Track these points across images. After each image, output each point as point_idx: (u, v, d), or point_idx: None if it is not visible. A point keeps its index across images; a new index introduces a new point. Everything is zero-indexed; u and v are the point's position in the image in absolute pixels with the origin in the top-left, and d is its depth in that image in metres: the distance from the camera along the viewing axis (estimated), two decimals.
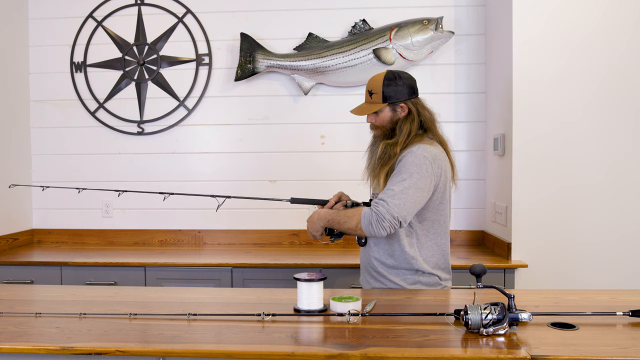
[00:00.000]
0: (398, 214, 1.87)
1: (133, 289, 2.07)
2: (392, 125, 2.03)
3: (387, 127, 2.04)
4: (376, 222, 1.88)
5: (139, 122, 3.38)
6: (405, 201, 1.87)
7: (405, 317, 1.61)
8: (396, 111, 2.02)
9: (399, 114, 2.02)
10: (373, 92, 2.04)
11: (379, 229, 1.88)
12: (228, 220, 3.34)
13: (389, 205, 1.87)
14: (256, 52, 3.23)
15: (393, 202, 1.87)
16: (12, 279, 2.86)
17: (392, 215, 1.86)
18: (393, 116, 2.03)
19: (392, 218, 1.87)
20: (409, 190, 1.88)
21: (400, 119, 2.02)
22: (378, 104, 2.03)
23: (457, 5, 3.22)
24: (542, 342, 1.37)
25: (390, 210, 1.86)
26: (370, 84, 2.06)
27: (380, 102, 2.02)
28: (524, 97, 2.70)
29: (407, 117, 2.02)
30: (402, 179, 1.89)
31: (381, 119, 2.04)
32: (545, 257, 2.71)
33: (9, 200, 3.27)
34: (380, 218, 1.87)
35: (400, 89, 2.01)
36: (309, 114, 3.30)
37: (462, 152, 3.23)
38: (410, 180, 1.88)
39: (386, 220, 1.87)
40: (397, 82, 2.02)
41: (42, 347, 1.40)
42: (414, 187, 1.88)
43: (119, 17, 3.38)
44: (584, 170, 2.70)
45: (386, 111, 2.03)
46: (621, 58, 2.68)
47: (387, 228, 1.88)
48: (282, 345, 1.38)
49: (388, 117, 2.03)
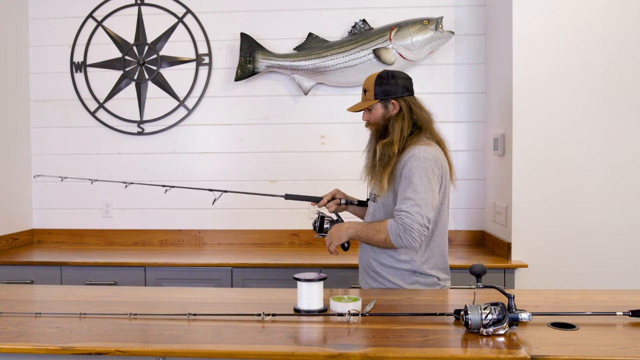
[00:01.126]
0: (423, 221, 1.89)
1: (133, 289, 2.08)
2: (385, 122, 2.06)
3: (380, 124, 2.07)
4: (404, 233, 1.90)
5: (139, 122, 3.38)
6: (424, 206, 1.90)
7: (405, 317, 1.61)
8: (388, 108, 2.06)
9: (390, 111, 2.05)
10: (367, 89, 2.09)
11: (408, 241, 1.90)
12: (228, 220, 3.34)
13: (412, 214, 1.89)
14: (256, 52, 3.23)
15: (414, 209, 1.89)
16: (12, 279, 2.86)
17: (419, 224, 1.89)
18: (385, 113, 2.06)
19: (420, 226, 1.89)
20: (425, 194, 1.90)
21: (392, 117, 2.05)
22: (370, 101, 2.07)
23: (457, 5, 3.22)
24: (542, 342, 1.37)
25: (417, 219, 1.89)
26: (365, 83, 2.11)
27: (372, 99, 2.06)
28: (524, 97, 2.71)
29: (399, 114, 2.04)
30: (414, 185, 1.91)
31: (374, 116, 2.08)
32: (545, 257, 2.71)
33: (9, 200, 3.27)
34: (408, 229, 1.89)
35: (392, 87, 2.04)
36: (309, 114, 3.30)
37: (462, 152, 3.23)
38: (421, 185, 1.91)
39: (415, 230, 1.89)
40: (389, 80, 2.05)
41: (42, 347, 1.40)
42: (428, 190, 1.91)
43: (119, 17, 3.38)
44: (584, 170, 2.70)
45: (378, 108, 2.07)
46: (621, 58, 2.68)
47: (418, 238, 1.90)
48: (282, 345, 1.38)
49: (380, 114, 2.07)
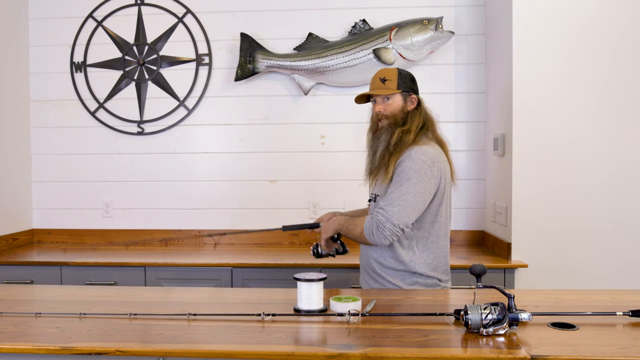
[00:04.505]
0: (398, 221, 1.87)
1: (133, 289, 2.07)
2: (403, 115, 2.02)
3: (398, 117, 2.02)
4: (376, 230, 1.89)
5: (139, 122, 3.38)
6: (404, 207, 1.87)
7: (405, 317, 1.61)
8: (406, 101, 2.03)
9: (408, 105, 2.03)
10: (387, 78, 2.03)
11: (380, 238, 1.89)
12: (228, 220, 3.34)
13: (387, 213, 1.88)
14: (256, 52, 3.23)
15: (392, 209, 1.87)
16: (12, 279, 2.86)
17: (392, 223, 1.87)
18: (404, 106, 2.03)
19: (393, 226, 1.87)
20: (407, 195, 1.88)
21: (410, 111, 2.03)
22: (392, 90, 2.01)
23: (457, 5, 3.22)
24: (542, 342, 1.37)
25: (390, 218, 1.87)
26: (383, 73, 2.05)
27: (395, 89, 2.01)
28: (524, 97, 2.70)
29: (416, 109, 2.03)
30: (400, 185, 1.89)
31: (393, 107, 2.03)
32: (545, 257, 2.71)
33: (9, 200, 3.27)
34: (380, 227, 1.88)
35: (409, 83, 2.05)
36: (309, 114, 3.30)
37: (462, 152, 3.23)
38: (407, 186, 1.88)
39: (387, 228, 1.87)
40: (406, 76, 2.05)
41: (42, 347, 1.40)
42: (412, 191, 1.88)
43: (119, 17, 3.38)
44: (584, 170, 2.70)
45: (398, 99, 2.03)
46: (621, 57, 2.68)
47: (389, 236, 1.89)
48: (282, 345, 1.38)
49: (400, 106, 2.02)
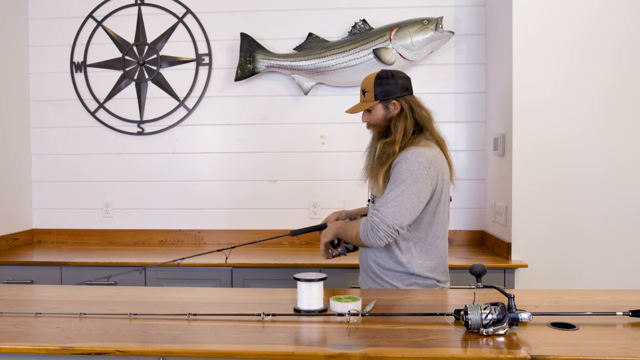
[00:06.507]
0: (393, 223, 1.87)
1: (133, 289, 2.07)
2: (387, 123, 2.03)
3: (382, 125, 2.04)
4: (371, 231, 1.89)
5: (139, 122, 3.38)
6: (399, 209, 1.87)
7: (405, 317, 1.61)
8: (389, 108, 2.02)
9: (391, 111, 2.02)
10: (366, 90, 2.05)
11: (374, 239, 1.89)
12: (228, 220, 3.34)
13: (382, 214, 1.88)
14: (256, 52, 3.23)
15: (387, 211, 1.87)
16: (12, 279, 2.86)
17: (386, 225, 1.87)
18: (386, 114, 2.03)
19: (387, 227, 1.87)
20: (402, 197, 1.87)
21: (394, 117, 2.02)
22: (370, 102, 2.04)
23: (457, 5, 3.22)
24: (542, 342, 1.37)
25: (385, 220, 1.87)
26: (364, 83, 2.07)
27: (372, 100, 2.03)
28: (524, 97, 2.70)
29: (400, 114, 2.01)
30: (396, 186, 1.89)
31: (375, 117, 2.05)
32: (545, 257, 2.71)
33: (9, 200, 3.27)
34: (375, 228, 1.88)
35: (392, 87, 2.01)
36: (309, 114, 3.29)
37: (462, 152, 3.23)
38: (403, 187, 1.88)
39: (381, 230, 1.87)
40: (389, 80, 2.02)
41: (42, 347, 1.40)
42: (407, 193, 1.87)
43: (119, 17, 3.38)
44: (584, 170, 2.70)
45: (379, 109, 2.03)
46: (621, 57, 2.68)
47: (383, 238, 1.88)
48: (282, 345, 1.38)
49: (381, 115, 2.03)
